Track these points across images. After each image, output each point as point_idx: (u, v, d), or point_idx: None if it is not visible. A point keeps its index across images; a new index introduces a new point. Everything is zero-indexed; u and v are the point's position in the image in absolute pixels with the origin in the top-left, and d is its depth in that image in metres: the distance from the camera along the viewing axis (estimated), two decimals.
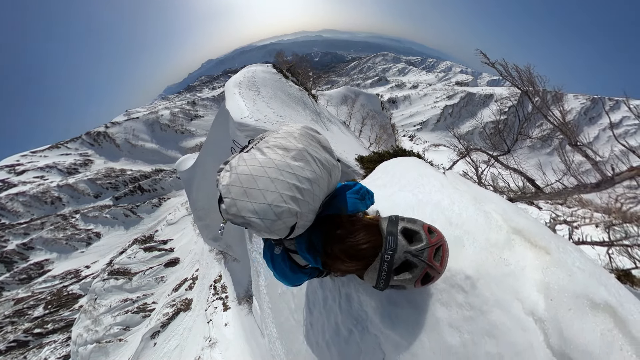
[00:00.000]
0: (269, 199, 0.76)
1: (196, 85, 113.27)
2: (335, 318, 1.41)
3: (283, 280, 1.06)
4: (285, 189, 0.78)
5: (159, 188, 38.20)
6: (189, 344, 10.84)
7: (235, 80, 7.32)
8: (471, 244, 1.04)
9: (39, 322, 19.55)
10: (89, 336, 13.83)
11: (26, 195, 32.23)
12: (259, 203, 0.77)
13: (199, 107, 58.83)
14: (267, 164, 0.81)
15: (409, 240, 0.83)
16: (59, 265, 27.83)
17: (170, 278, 18.01)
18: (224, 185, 0.83)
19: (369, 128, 20.43)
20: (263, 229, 0.79)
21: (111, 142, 44.71)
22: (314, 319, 1.67)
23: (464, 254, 1.03)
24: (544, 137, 4.64)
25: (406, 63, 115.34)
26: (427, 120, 51.24)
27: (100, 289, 16.91)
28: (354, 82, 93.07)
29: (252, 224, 0.79)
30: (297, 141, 0.90)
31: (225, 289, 12.47)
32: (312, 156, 0.89)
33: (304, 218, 0.84)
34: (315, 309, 1.65)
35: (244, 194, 0.78)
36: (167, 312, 13.32)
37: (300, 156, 0.86)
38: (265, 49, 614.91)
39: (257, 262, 3.26)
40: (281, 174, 0.80)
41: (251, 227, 0.81)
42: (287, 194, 0.78)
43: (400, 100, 59.42)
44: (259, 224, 0.78)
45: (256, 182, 0.78)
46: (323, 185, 0.90)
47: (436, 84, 71.76)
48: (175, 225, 26.18)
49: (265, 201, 0.76)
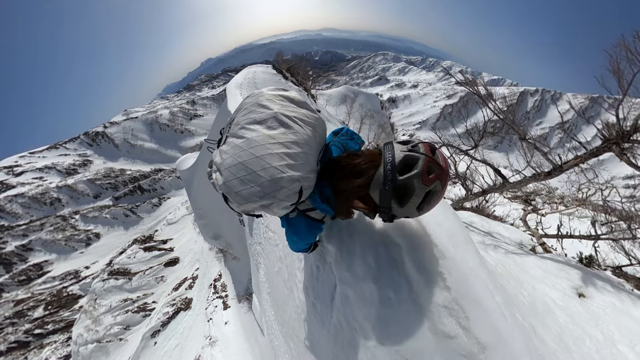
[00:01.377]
0: (267, 176, 0.76)
1: (196, 84, 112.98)
2: (311, 261, 1.64)
3: (297, 239, 1.11)
4: (277, 161, 0.77)
5: (158, 188, 38.15)
6: (189, 343, 10.87)
7: (237, 81, 7.37)
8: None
9: (39, 323, 19.57)
10: (90, 336, 13.87)
11: (25, 197, 32.14)
12: (260, 184, 0.76)
13: (198, 107, 58.71)
14: (247, 145, 0.79)
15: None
16: (58, 266, 27.81)
17: (170, 277, 18.04)
18: (221, 185, 0.82)
19: (368, 127, 20.44)
20: (275, 203, 0.79)
21: (110, 142, 44.60)
22: (299, 278, 1.89)
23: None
24: (500, 134, 5.14)
25: (406, 62, 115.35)
26: (427, 120, 51.32)
27: (100, 289, 16.93)
28: (354, 81, 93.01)
29: (265, 207, 0.80)
30: (266, 108, 0.86)
31: (225, 288, 12.50)
32: (289, 117, 0.84)
33: (307, 180, 0.83)
34: (301, 269, 1.87)
35: (242, 183, 0.77)
36: (167, 312, 13.34)
37: (276, 122, 0.83)
38: (265, 47, 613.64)
39: (257, 254, 3.28)
40: (266, 148, 0.78)
41: (266, 208, 0.81)
42: (281, 164, 0.77)
43: (400, 99, 59.46)
44: (269, 201, 0.78)
45: (247, 166, 0.77)
46: (312, 142, 0.87)
47: (436, 84, 71.82)
48: (175, 225, 26.18)
49: (265, 179, 0.76)
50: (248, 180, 0.77)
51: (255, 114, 0.86)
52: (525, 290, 1.98)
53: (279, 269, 2.39)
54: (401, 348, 1.01)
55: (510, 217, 5.71)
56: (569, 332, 1.63)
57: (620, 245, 3.36)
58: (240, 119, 0.88)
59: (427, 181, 0.78)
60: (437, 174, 0.79)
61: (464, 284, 1.03)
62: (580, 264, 3.02)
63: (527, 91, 55.80)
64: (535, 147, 3.71)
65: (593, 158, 3.13)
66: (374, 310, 1.10)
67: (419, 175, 0.77)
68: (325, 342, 1.47)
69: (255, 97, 0.92)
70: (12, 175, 34.85)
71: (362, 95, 25.98)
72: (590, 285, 2.23)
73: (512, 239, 3.65)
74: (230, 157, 0.80)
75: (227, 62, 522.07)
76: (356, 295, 1.16)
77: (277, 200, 0.79)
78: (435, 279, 1.03)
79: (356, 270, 1.17)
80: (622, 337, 1.66)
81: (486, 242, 3.08)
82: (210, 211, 10.92)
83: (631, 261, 3.28)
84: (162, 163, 43.83)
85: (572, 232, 3.73)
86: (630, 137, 2.74)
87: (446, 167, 0.81)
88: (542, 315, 1.72)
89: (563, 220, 4.22)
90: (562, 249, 3.65)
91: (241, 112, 0.91)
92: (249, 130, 0.83)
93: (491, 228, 3.91)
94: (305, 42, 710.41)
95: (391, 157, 0.79)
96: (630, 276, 2.98)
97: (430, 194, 0.81)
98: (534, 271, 2.43)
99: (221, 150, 0.85)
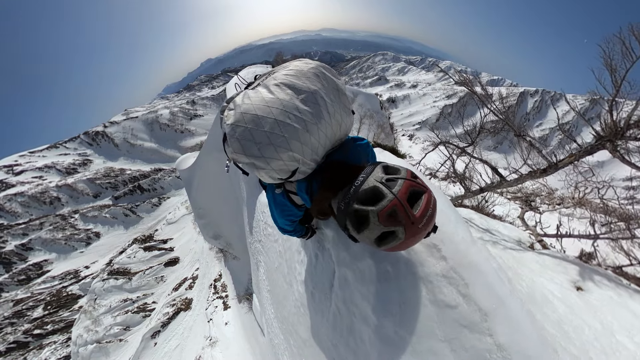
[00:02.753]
0: (274, 142, 0.74)
1: (195, 85, 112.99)
2: (310, 251, 1.62)
3: (279, 216, 1.11)
4: (289, 133, 0.75)
5: (158, 187, 38.12)
6: (190, 344, 10.85)
7: (236, 82, 7.42)
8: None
9: (38, 323, 19.52)
10: (89, 336, 13.82)
11: (25, 196, 32.11)
12: (263, 145, 0.74)
13: (198, 107, 58.73)
14: (273, 104, 0.76)
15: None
16: (58, 266, 27.75)
17: (170, 277, 18.01)
18: (229, 124, 0.80)
19: (367, 128, 20.47)
20: (265, 167, 0.78)
21: (110, 142, 44.58)
22: (299, 270, 1.86)
23: None
24: (497, 130, 5.09)
25: (406, 62, 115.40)
26: (427, 120, 51.31)
27: (100, 289, 16.89)
28: (353, 81, 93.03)
29: (256, 165, 0.79)
30: (310, 81, 0.81)
31: (225, 288, 12.48)
32: (325, 101, 0.81)
33: (306, 165, 0.82)
34: (300, 261, 1.83)
35: (247, 134, 0.75)
36: (167, 312, 13.32)
37: (311, 99, 0.79)
38: (265, 48, 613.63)
39: (257, 253, 3.29)
40: (288, 117, 0.75)
41: (255, 167, 0.80)
42: (291, 138, 0.75)
43: (400, 99, 59.48)
44: (262, 165, 0.77)
45: (261, 122, 0.75)
46: (330, 134, 0.84)
47: (435, 84, 71.85)
48: (175, 225, 26.15)
49: (269, 142, 0.74)
50: (254, 134, 0.75)
51: (296, 79, 0.82)
52: (524, 281, 2.00)
53: (278, 264, 2.39)
54: (401, 329, 0.98)
55: (509, 217, 5.73)
56: (568, 321, 1.65)
57: (619, 245, 3.36)
58: (279, 75, 0.85)
59: (384, 222, 0.70)
60: (400, 222, 0.69)
61: (458, 252, 1.02)
62: (579, 259, 3.04)
63: (527, 92, 55.82)
64: (531, 144, 3.72)
65: (587, 156, 3.15)
66: (373, 288, 1.08)
67: (375, 213, 0.70)
68: (324, 332, 1.46)
69: (306, 64, 0.88)
70: (11, 174, 34.81)
71: (362, 95, 25.98)
72: (588, 279, 2.25)
73: (510, 236, 3.66)
74: (251, 105, 0.78)
75: (226, 63, 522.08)
76: (354, 276, 1.15)
77: (269, 168, 0.78)
78: (431, 251, 1.02)
79: (354, 250, 1.17)
80: (621, 328, 1.67)
81: (484, 238, 3.09)
82: (210, 211, 10.91)
83: (631, 261, 3.27)
84: (162, 163, 43.81)
85: (571, 231, 3.74)
86: (624, 134, 2.74)
87: (420, 218, 0.70)
88: (540, 304, 1.74)
89: (562, 220, 4.24)
90: (562, 248, 3.66)
91: (285, 69, 0.87)
92: (282, 91, 0.79)
93: (490, 226, 3.93)
94: (305, 43, 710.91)
95: (360, 182, 0.73)
96: (631, 276, 2.97)
97: (391, 236, 0.72)
98: (532, 265, 2.44)
99: (246, 94, 0.83)
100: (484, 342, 0.86)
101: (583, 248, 3.54)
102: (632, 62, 2.68)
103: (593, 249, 3.40)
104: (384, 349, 1.01)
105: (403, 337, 0.97)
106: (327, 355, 1.44)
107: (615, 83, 2.78)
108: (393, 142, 20.83)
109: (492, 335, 0.87)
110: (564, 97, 36.26)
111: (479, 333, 0.88)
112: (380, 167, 0.76)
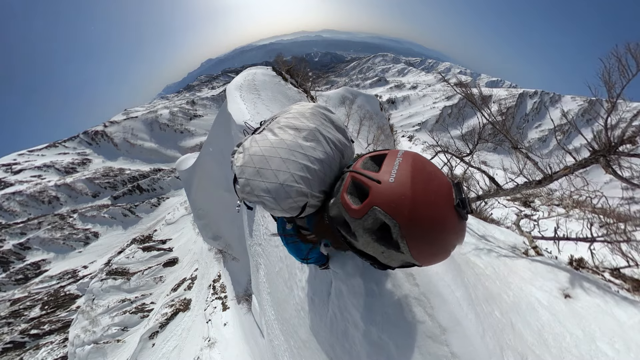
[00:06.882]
0: (281, 179, 0.79)
1: (195, 85, 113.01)
2: (311, 266, 1.82)
3: (294, 252, 1.17)
4: (296, 169, 0.80)
5: (157, 187, 38.08)
6: (188, 345, 10.85)
7: (237, 83, 7.43)
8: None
9: (35, 323, 19.45)
10: (87, 337, 13.79)
11: (23, 195, 32.02)
12: (271, 182, 0.79)
13: (198, 107, 58.73)
14: (278, 145, 0.84)
15: None
16: (56, 266, 27.68)
17: (168, 278, 18.00)
18: (238, 166, 0.86)
19: (367, 129, 20.52)
20: (275, 207, 0.82)
21: (109, 142, 44.52)
22: (299, 277, 2.07)
23: None
24: (495, 141, 5.23)
25: (405, 64, 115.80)
26: (426, 121, 51.51)
27: (98, 289, 16.86)
28: (353, 82, 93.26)
29: (265, 203, 0.82)
30: (308, 120, 0.91)
31: (224, 289, 12.50)
32: (324, 136, 0.89)
33: (315, 198, 0.85)
34: (301, 268, 2.05)
35: (257, 174, 0.81)
36: (165, 313, 13.31)
37: (311, 136, 0.87)
38: (265, 48, 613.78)
39: (257, 255, 3.34)
40: (292, 154, 0.82)
41: (264, 205, 0.84)
42: (298, 174, 0.80)
43: (400, 100, 59.71)
44: (272, 202, 0.81)
45: (268, 162, 0.81)
46: (335, 166, 0.90)
47: (435, 85, 72.09)
48: (174, 225, 26.13)
49: (277, 181, 0.79)
50: (262, 174, 0.80)
51: (296, 120, 0.91)
52: (512, 290, 2.07)
53: (279, 268, 2.46)
54: (383, 334, 1.24)
55: (508, 220, 5.80)
56: (549, 329, 1.73)
57: (617, 247, 3.42)
58: (281, 119, 0.95)
59: (350, 211, 0.55)
60: (366, 184, 0.55)
61: (429, 282, 1.33)
62: (570, 266, 3.10)
63: (526, 93, 56.11)
64: (527, 156, 3.82)
65: (581, 169, 3.23)
66: (362, 300, 1.33)
67: (338, 194, 0.61)
68: (323, 334, 1.64)
69: (303, 106, 0.99)
70: (10, 173, 34.71)
71: (361, 96, 26.06)
72: (578, 286, 2.31)
73: (506, 242, 3.73)
74: (258, 147, 0.85)
75: (227, 63, 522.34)
76: (348, 289, 1.39)
77: (279, 207, 0.82)
78: (408, 278, 1.32)
79: (348, 269, 1.39)
80: (603, 335, 1.73)
81: (480, 246, 3.16)
82: (209, 212, 10.96)
83: (629, 263, 3.33)
84: (161, 163, 43.78)
85: (568, 234, 3.79)
86: (617, 149, 2.81)
87: (385, 174, 0.55)
88: (524, 313, 1.81)
89: (560, 223, 4.30)
90: (559, 251, 3.72)
91: (286, 114, 0.98)
92: (285, 132, 0.88)
93: (486, 231, 4.00)
94: (305, 44, 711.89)
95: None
96: (628, 277, 3.03)
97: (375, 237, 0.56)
98: (523, 273, 2.52)
99: (254, 138, 0.91)
100: (443, 350, 1.17)
101: (577, 252, 3.61)
102: (628, 80, 2.75)
103: (590, 252, 3.46)
104: (372, 350, 1.29)
105: (385, 341, 1.24)
106: (326, 355, 1.64)
107: (612, 99, 2.86)
108: (393, 144, 20.91)
109: (448, 345, 1.17)
110: (562, 111, 35.74)
111: (439, 343, 1.17)
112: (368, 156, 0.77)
